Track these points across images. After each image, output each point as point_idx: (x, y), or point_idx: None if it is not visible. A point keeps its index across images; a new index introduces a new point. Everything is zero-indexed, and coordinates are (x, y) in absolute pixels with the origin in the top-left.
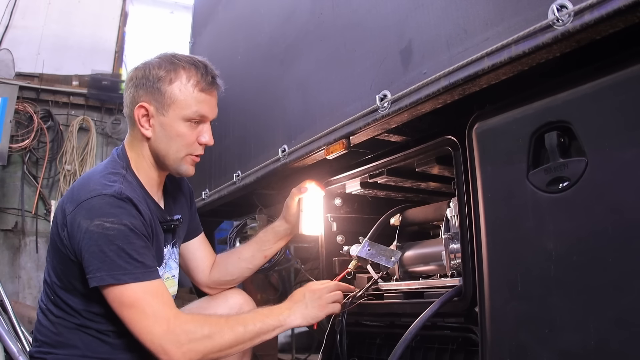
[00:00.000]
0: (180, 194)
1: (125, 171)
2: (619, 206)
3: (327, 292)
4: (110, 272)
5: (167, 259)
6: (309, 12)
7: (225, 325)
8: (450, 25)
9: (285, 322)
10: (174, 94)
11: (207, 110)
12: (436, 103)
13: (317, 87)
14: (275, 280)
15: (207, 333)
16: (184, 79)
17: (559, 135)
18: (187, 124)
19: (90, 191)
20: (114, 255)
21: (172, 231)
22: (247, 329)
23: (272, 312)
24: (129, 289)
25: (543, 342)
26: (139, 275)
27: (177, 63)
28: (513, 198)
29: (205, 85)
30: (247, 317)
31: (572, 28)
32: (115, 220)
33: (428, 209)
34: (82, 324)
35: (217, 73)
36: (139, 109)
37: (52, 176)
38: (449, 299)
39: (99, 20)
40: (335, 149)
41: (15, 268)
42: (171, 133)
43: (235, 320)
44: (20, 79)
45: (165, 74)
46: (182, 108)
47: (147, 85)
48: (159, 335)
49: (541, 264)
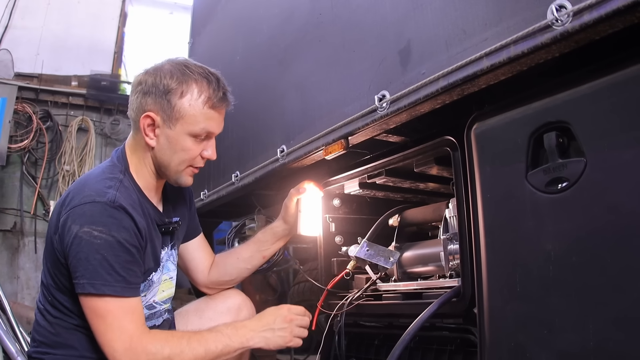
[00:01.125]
0: (180, 195)
1: (123, 175)
2: (618, 206)
3: (297, 324)
4: (90, 281)
5: (165, 261)
6: (308, 13)
7: (187, 346)
8: (449, 25)
9: (248, 344)
10: (184, 109)
11: (214, 127)
12: (435, 103)
13: (315, 88)
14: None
15: (166, 354)
16: (195, 94)
17: (557, 135)
18: (193, 139)
19: (84, 196)
20: (97, 265)
21: (171, 233)
22: (209, 351)
23: (236, 333)
24: (102, 300)
25: (542, 342)
26: (118, 289)
27: (189, 75)
28: (512, 199)
29: (216, 102)
30: (210, 337)
31: (571, 28)
32: (104, 230)
33: (427, 210)
34: (80, 325)
35: (228, 88)
36: (145, 118)
37: (50, 176)
38: (448, 299)
39: (98, 20)
40: (334, 149)
41: (14, 268)
42: (176, 147)
43: (197, 342)
44: (20, 80)
45: (176, 85)
46: (190, 124)
47: (157, 95)
48: (120, 352)
49: (540, 264)
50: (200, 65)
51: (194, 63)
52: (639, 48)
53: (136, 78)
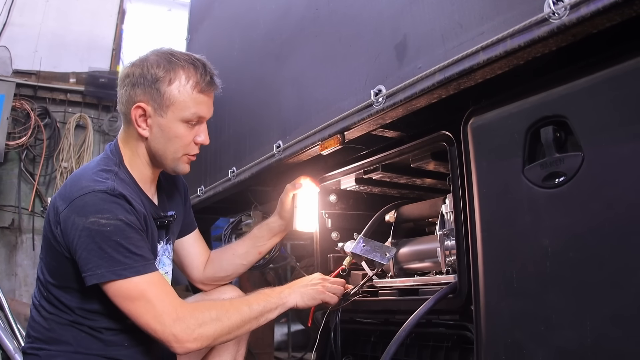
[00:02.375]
0: (175, 190)
1: (118, 168)
2: (616, 201)
3: (330, 282)
4: (110, 269)
5: (160, 256)
6: (305, 8)
7: (231, 306)
8: (445, 19)
9: (286, 300)
10: (173, 95)
11: (205, 111)
12: (431, 98)
13: (312, 83)
14: (271, 278)
15: (214, 316)
16: (182, 80)
17: (554, 130)
18: (185, 125)
19: (82, 188)
20: (113, 251)
21: (166, 227)
22: (252, 308)
23: (273, 291)
24: (131, 283)
25: (539, 339)
26: (140, 268)
27: (175, 62)
28: (508, 194)
29: (204, 86)
30: (251, 297)
31: (568, 21)
32: (111, 216)
33: (423, 206)
34: (75, 321)
35: (215, 72)
36: (136, 109)
37: (48, 173)
38: (444, 296)
39: (97, 17)
40: (330, 144)
41: (11, 265)
42: (169, 134)
43: (239, 302)
44: (18, 76)
45: (164, 74)
46: (181, 110)
47: (145, 85)
48: (169, 324)
49: (537, 260)
50: (185, 53)
51: (179, 51)
52: (637, 41)
53: (123, 71)
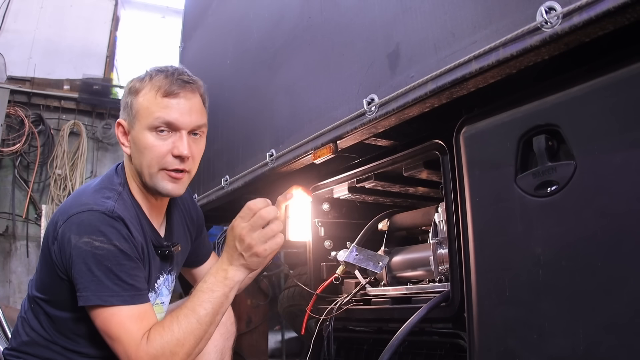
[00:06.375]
0: (187, 220)
1: (122, 188)
2: (608, 210)
3: (257, 235)
4: (96, 293)
5: (160, 286)
6: (297, 16)
7: (177, 327)
8: (438, 28)
9: (232, 281)
10: (138, 104)
11: (172, 116)
12: (424, 107)
13: (305, 92)
14: (265, 286)
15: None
16: (148, 87)
17: (547, 138)
18: (154, 134)
19: (81, 205)
20: (102, 276)
21: (169, 258)
22: (201, 318)
23: (216, 282)
24: (113, 311)
25: (532, 347)
26: (127, 298)
27: (148, 73)
28: (501, 202)
29: (167, 89)
30: (195, 304)
31: (561, 30)
32: (105, 240)
33: (416, 214)
34: (53, 341)
35: (188, 78)
36: (117, 126)
37: (42, 180)
38: (437, 304)
39: (91, 24)
40: (323, 153)
41: (5, 272)
42: (139, 146)
43: (184, 316)
44: (12, 83)
45: (136, 85)
46: (145, 117)
47: (123, 102)
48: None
49: (529, 268)
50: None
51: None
52: (630, 50)
53: None
